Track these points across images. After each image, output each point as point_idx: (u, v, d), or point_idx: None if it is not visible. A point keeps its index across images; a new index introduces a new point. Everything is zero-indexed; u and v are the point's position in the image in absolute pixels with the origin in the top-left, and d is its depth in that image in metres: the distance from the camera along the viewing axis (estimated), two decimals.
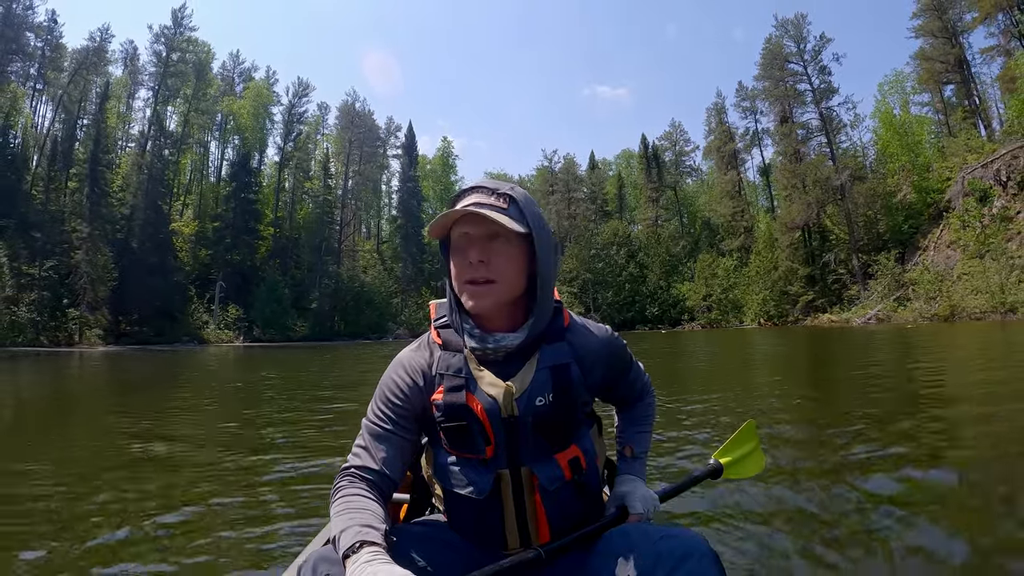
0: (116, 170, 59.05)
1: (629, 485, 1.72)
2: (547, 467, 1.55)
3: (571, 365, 1.58)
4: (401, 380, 1.58)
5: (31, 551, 3.24)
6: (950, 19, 55.11)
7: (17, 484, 4.79)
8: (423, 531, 1.60)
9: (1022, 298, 36.39)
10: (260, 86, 75.25)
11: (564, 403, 1.54)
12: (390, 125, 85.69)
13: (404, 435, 1.56)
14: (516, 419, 1.52)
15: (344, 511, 1.37)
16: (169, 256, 59.34)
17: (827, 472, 4.26)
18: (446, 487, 1.60)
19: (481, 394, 1.52)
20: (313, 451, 5.68)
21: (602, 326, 1.73)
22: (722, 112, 75.90)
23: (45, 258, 49.05)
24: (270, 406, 10.09)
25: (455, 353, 1.58)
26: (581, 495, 1.63)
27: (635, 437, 1.86)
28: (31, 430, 8.10)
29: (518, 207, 1.52)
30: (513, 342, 1.53)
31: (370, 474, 1.50)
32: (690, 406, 7.62)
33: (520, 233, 1.49)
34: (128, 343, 48.36)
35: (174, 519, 3.72)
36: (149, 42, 66.10)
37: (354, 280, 71.24)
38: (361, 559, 1.20)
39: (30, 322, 46.01)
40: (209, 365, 24.61)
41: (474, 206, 1.47)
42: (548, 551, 1.42)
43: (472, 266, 1.48)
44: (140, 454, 6.00)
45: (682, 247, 73.64)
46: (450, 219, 1.51)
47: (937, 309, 41.04)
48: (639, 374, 1.88)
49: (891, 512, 3.31)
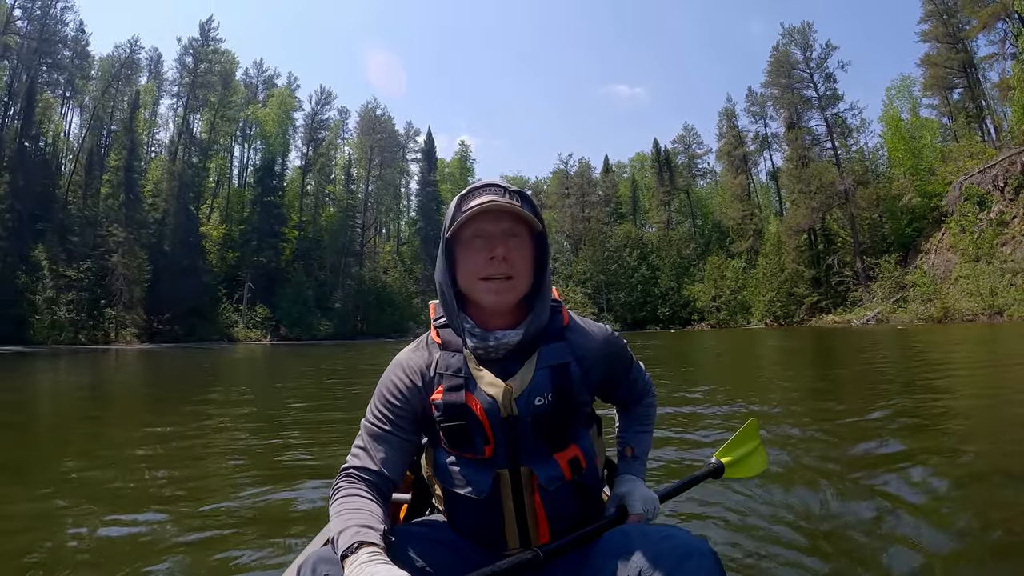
0: (146, 176, 60.34)
1: (629, 485, 1.70)
2: (546, 467, 1.53)
3: (570, 364, 1.56)
4: (400, 381, 1.57)
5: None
6: (955, 24, 54.96)
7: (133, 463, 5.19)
8: (423, 531, 1.58)
9: (1010, 300, 36.95)
10: (283, 93, 76.22)
11: (563, 403, 1.52)
12: (409, 130, 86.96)
13: (403, 435, 1.55)
14: (515, 419, 1.51)
15: (343, 511, 1.37)
16: (199, 258, 60.51)
17: (827, 472, 4.24)
18: (446, 487, 1.59)
19: (480, 394, 1.51)
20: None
21: (602, 325, 1.71)
22: (732, 116, 75.96)
23: (81, 260, 50.26)
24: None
25: (454, 353, 1.57)
26: (581, 495, 1.61)
27: (635, 437, 1.84)
28: (166, 413, 8.71)
29: (531, 205, 1.53)
30: (513, 339, 1.52)
31: (369, 475, 1.49)
32: (690, 406, 7.71)
33: (532, 232, 1.52)
34: (161, 341, 49.29)
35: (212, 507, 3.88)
36: (178, 54, 67.36)
37: (375, 281, 72.47)
38: (359, 559, 1.19)
39: (69, 321, 46.98)
40: (256, 359, 25.93)
41: (493, 204, 1.47)
42: (546, 552, 1.40)
43: (494, 262, 1.47)
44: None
45: (693, 249, 73.95)
46: (471, 215, 1.49)
47: (932, 311, 41.51)
48: (640, 374, 1.86)
49: (891, 512, 3.29)
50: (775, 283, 59.88)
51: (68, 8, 57.38)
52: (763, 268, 62.01)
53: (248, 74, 78.92)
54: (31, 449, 6.48)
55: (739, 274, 65.01)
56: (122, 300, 50.92)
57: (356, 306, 69.18)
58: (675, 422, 6.51)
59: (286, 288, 64.33)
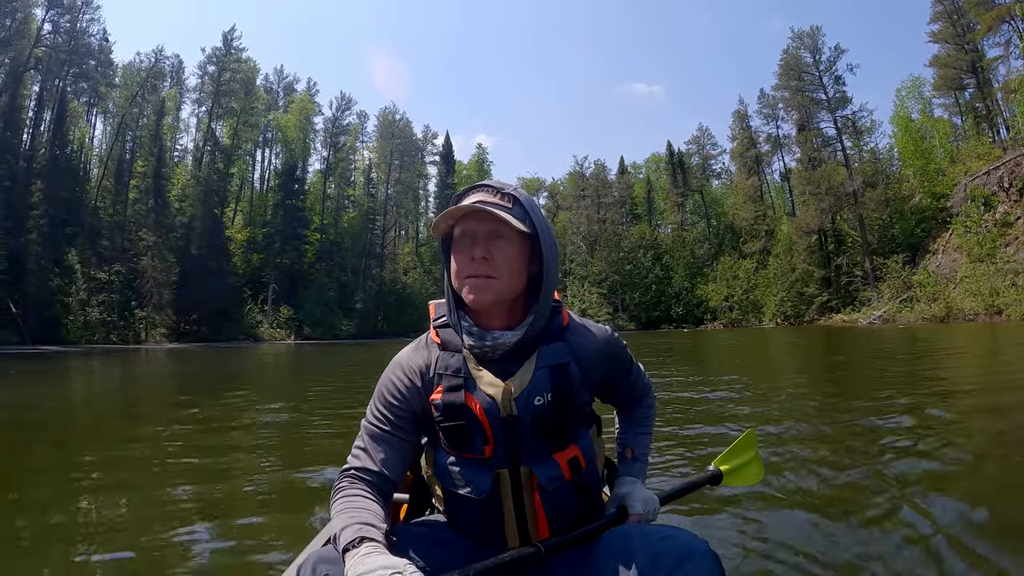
0: (172, 181, 61.77)
1: (629, 486, 1.70)
2: (546, 467, 1.52)
3: (570, 365, 1.55)
4: (399, 381, 1.56)
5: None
6: (964, 25, 54.76)
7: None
8: (423, 531, 1.58)
9: (1010, 300, 37.21)
10: (304, 99, 77.47)
11: (563, 403, 1.51)
12: (427, 133, 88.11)
13: (403, 436, 1.54)
14: (515, 419, 1.50)
15: (344, 510, 1.37)
16: (225, 261, 61.65)
17: (828, 472, 4.22)
18: (446, 487, 1.59)
19: (480, 394, 1.50)
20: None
21: (602, 326, 1.69)
22: (745, 118, 75.96)
23: (112, 263, 51.82)
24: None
25: (454, 353, 1.56)
26: (580, 495, 1.60)
27: (636, 439, 1.83)
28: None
29: (522, 207, 1.52)
30: (511, 340, 1.50)
31: (370, 475, 1.48)
32: (693, 409, 7.72)
33: (522, 233, 1.48)
34: (189, 341, 50.26)
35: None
36: (201, 62, 68.91)
37: (396, 282, 73.97)
38: (360, 552, 1.19)
39: (101, 322, 48.37)
40: (291, 356, 26.94)
41: (479, 204, 1.46)
42: (548, 547, 1.40)
43: (474, 262, 1.47)
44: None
45: (706, 250, 74.50)
46: (455, 215, 1.50)
47: (935, 311, 41.76)
48: (639, 375, 1.84)
49: (892, 511, 3.27)
50: (786, 283, 60.26)
51: (94, 20, 58.75)
52: (774, 268, 62.38)
53: (268, 80, 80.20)
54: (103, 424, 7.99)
55: (751, 274, 65.42)
56: (152, 301, 52.23)
57: (377, 306, 70.30)
58: (679, 414, 6.46)
59: (309, 289, 65.47)
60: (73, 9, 55.87)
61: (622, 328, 61.99)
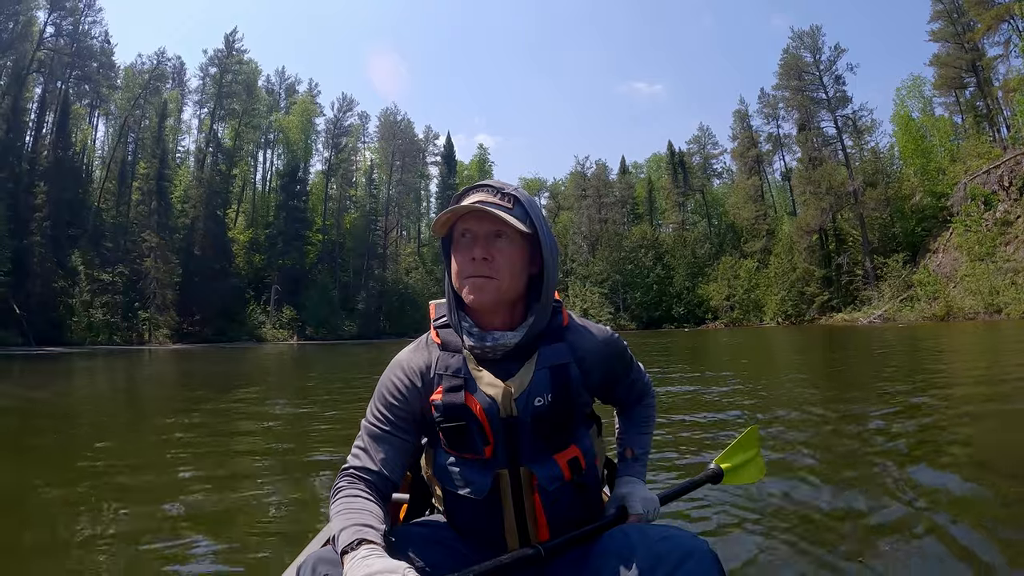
0: (175, 182, 62.04)
1: (629, 486, 1.69)
2: (546, 467, 1.52)
3: (570, 365, 1.54)
4: (399, 381, 1.56)
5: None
6: (964, 24, 54.77)
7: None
8: (423, 532, 1.57)
9: (1010, 299, 37.23)
10: (306, 101, 77.49)
11: (563, 403, 1.50)
12: (428, 133, 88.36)
13: (403, 436, 1.53)
14: (515, 419, 1.49)
15: (343, 511, 1.36)
16: (227, 262, 61.88)
17: (828, 471, 4.22)
18: (446, 487, 1.58)
19: (480, 394, 1.49)
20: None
21: (602, 327, 1.68)
22: (746, 118, 75.83)
23: (115, 265, 51.74)
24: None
25: (454, 353, 1.55)
26: (580, 495, 1.59)
27: (636, 439, 1.82)
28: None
29: (523, 208, 1.51)
30: (511, 340, 1.50)
31: (369, 475, 1.48)
32: (694, 408, 7.78)
33: (522, 233, 1.47)
34: (192, 341, 50.37)
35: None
36: (204, 64, 69.12)
37: (398, 282, 73.86)
38: (359, 555, 1.18)
39: (104, 323, 48.50)
40: (294, 356, 27.10)
41: (479, 204, 1.46)
42: (547, 548, 1.39)
43: (475, 262, 1.46)
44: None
45: (707, 249, 74.29)
46: (455, 215, 1.49)
47: (935, 310, 41.76)
48: (640, 375, 1.83)
49: (893, 511, 3.26)
50: (787, 282, 60.29)
51: (96, 22, 59.03)
52: (775, 268, 62.38)
53: (270, 81, 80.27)
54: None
55: (752, 274, 65.31)
56: (155, 303, 52.35)
57: (379, 307, 70.25)
58: (682, 416, 6.52)
59: (311, 290, 65.49)
60: (75, 12, 56.21)
61: (623, 328, 62.05)
